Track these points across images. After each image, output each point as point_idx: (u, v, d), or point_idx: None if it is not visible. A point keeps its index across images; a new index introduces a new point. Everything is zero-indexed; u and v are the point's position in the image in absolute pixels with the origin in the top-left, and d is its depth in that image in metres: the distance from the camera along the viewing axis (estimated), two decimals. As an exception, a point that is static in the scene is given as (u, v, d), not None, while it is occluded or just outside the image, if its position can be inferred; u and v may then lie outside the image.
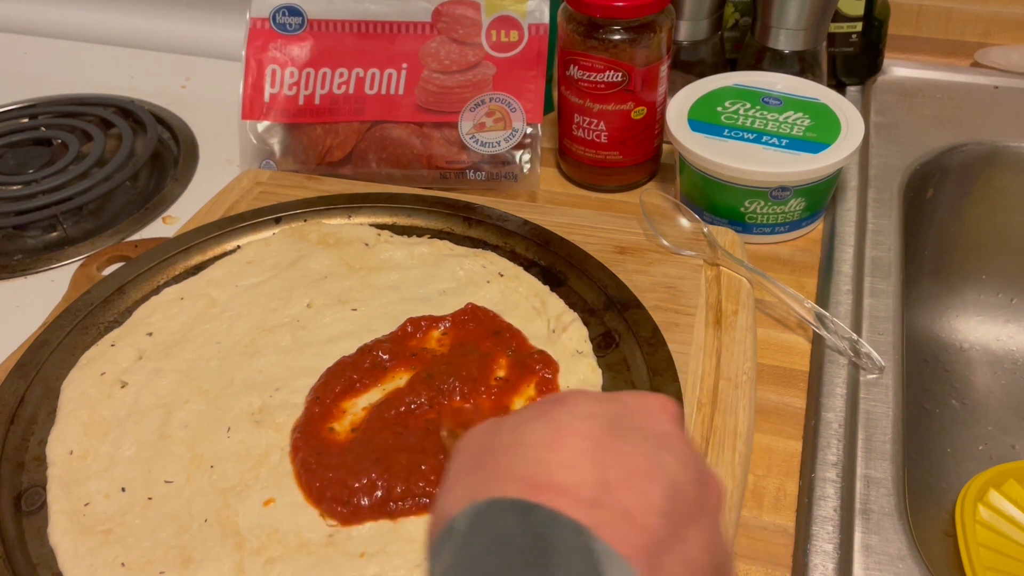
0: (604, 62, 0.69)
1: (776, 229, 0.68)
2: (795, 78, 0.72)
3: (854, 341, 0.58)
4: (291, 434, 0.51)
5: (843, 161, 0.65)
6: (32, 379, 0.54)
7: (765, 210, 0.66)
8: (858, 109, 0.83)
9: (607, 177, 0.76)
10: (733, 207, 0.67)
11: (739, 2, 0.79)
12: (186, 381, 0.54)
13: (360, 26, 0.79)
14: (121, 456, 0.50)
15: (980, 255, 0.81)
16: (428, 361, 0.55)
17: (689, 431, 0.54)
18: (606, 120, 0.72)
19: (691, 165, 0.67)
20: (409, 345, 0.56)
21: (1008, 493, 0.64)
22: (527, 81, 0.76)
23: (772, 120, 0.68)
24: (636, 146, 0.73)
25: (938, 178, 0.78)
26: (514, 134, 0.74)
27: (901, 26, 0.92)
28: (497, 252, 0.64)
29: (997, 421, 0.76)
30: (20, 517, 0.48)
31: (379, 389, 0.53)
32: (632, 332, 0.57)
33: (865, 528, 0.49)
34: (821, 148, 0.65)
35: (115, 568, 0.45)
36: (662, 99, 0.73)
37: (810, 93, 0.71)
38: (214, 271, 0.62)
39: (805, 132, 0.66)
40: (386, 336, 0.57)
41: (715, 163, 0.65)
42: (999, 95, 0.83)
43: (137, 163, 0.82)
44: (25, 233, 0.76)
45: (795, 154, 0.65)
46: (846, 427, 0.55)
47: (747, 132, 0.67)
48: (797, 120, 0.67)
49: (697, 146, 0.66)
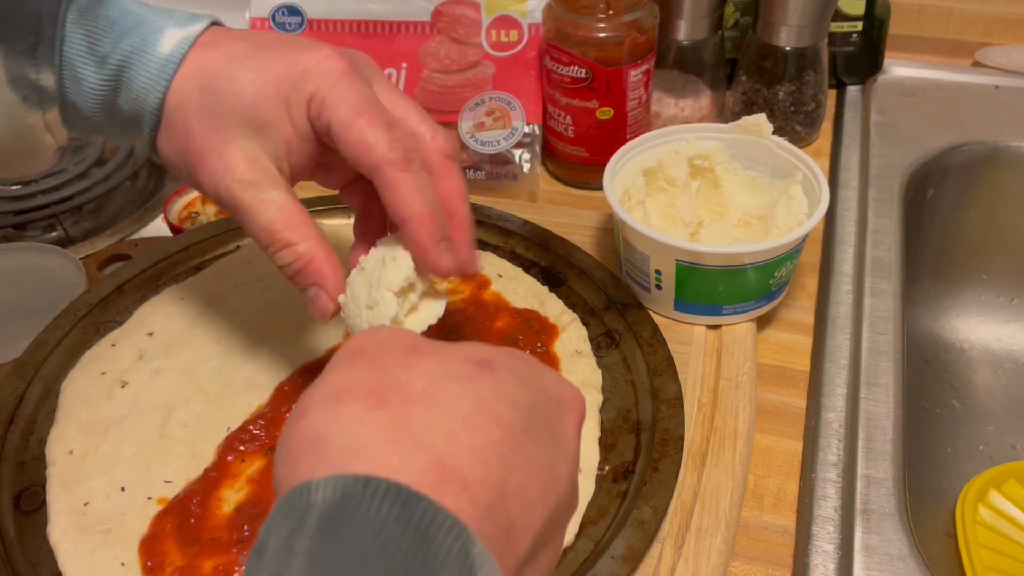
0: (569, 56, 0.69)
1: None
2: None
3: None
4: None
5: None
6: (32, 379, 0.54)
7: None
8: (858, 109, 0.83)
9: (575, 172, 0.76)
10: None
11: (739, 1, 0.79)
12: (186, 381, 0.54)
13: (360, 26, 0.79)
14: (121, 456, 0.50)
15: (981, 255, 0.81)
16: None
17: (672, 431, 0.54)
18: (572, 115, 0.72)
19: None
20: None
21: (1008, 493, 0.64)
22: (527, 80, 0.76)
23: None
24: (604, 145, 0.71)
25: (938, 178, 0.78)
26: (514, 133, 0.74)
27: (902, 26, 0.92)
28: (497, 252, 0.64)
29: (997, 421, 0.76)
30: (20, 517, 0.48)
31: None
32: (632, 332, 0.57)
33: (866, 528, 0.49)
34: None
35: (115, 568, 0.45)
36: (637, 103, 0.72)
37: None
38: (214, 271, 0.62)
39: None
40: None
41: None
42: (1000, 95, 0.83)
43: (137, 162, 0.82)
44: (25, 233, 0.76)
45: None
46: (846, 427, 0.55)
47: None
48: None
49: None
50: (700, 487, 0.50)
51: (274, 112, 0.42)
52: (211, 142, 0.43)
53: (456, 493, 0.26)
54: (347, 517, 0.25)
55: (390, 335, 0.32)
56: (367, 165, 0.41)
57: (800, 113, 0.77)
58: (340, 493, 0.25)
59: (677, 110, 0.78)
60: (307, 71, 0.42)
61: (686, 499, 0.50)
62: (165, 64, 0.43)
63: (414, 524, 0.25)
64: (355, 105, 0.41)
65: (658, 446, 0.50)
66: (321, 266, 0.43)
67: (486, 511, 0.27)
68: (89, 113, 0.45)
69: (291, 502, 0.26)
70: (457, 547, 0.25)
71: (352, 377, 0.30)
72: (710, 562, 0.47)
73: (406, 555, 0.24)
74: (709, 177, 0.64)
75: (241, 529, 0.46)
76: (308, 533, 0.25)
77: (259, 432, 0.51)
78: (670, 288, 0.59)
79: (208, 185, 0.43)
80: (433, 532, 0.25)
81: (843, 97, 0.85)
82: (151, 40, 0.44)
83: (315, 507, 0.25)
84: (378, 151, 0.41)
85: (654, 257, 0.58)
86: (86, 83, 0.44)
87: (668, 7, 0.73)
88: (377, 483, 0.25)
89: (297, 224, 0.43)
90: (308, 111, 0.42)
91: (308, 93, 0.42)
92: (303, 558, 0.24)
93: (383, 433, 0.27)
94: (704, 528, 0.48)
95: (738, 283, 0.57)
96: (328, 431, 0.28)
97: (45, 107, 0.44)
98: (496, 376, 0.31)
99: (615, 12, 0.68)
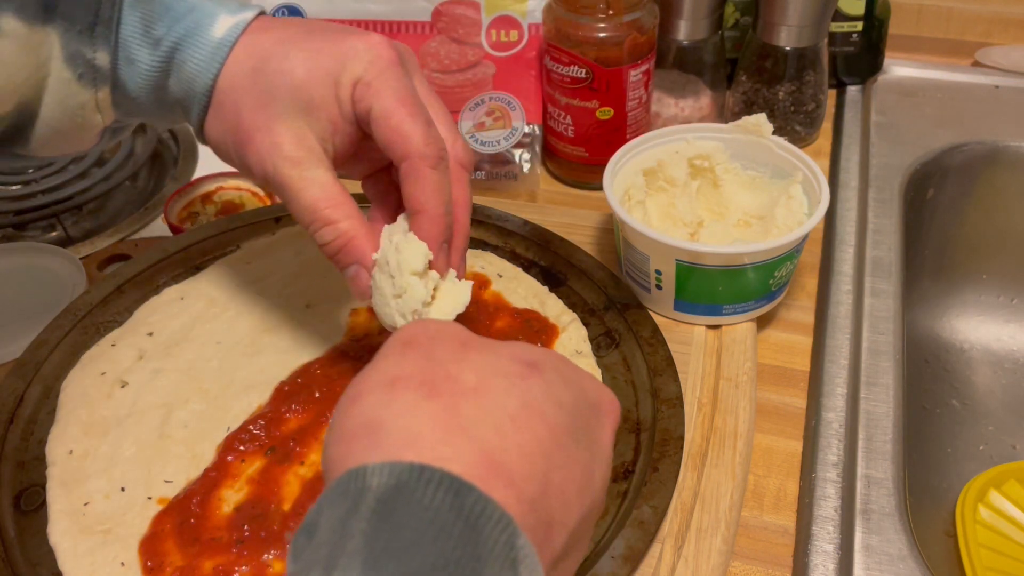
0: (569, 56, 0.69)
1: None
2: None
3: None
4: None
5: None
6: (31, 379, 0.54)
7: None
8: (858, 109, 0.83)
9: (575, 172, 0.76)
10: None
11: (739, 1, 0.79)
12: (186, 381, 0.54)
13: (360, 25, 0.79)
14: (121, 456, 0.50)
15: (981, 255, 0.81)
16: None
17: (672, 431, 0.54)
18: (572, 115, 0.72)
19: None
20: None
21: (1008, 493, 0.64)
22: (527, 80, 0.76)
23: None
24: (604, 145, 0.72)
25: (939, 178, 0.78)
26: (514, 133, 0.74)
27: (902, 26, 0.92)
28: (497, 253, 0.64)
29: (997, 421, 0.76)
30: (20, 517, 0.48)
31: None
32: (632, 332, 0.57)
33: (866, 528, 0.49)
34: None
35: (115, 568, 0.45)
36: (637, 103, 0.72)
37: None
38: (214, 271, 0.62)
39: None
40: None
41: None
42: (1000, 95, 0.83)
43: (136, 162, 0.82)
44: (25, 233, 0.76)
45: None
46: (846, 427, 0.55)
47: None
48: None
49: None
50: (700, 487, 0.50)
51: (322, 92, 0.43)
52: (259, 120, 0.44)
53: (503, 487, 0.28)
54: (402, 503, 0.26)
55: (439, 328, 0.33)
56: (399, 153, 0.43)
57: (800, 113, 0.77)
58: (395, 480, 0.26)
59: (677, 110, 0.78)
60: (357, 54, 0.43)
61: (686, 499, 0.50)
62: (217, 48, 0.45)
63: (465, 513, 0.26)
64: (398, 94, 0.43)
65: (658, 446, 0.50)
66: (362, 244, 0.44)
67: (529, 506, 0.28)
68: (137, 94, 0.46)
69: (346, 484, 0.27)
70: (504, 538, 0.26)
71: (405, 366, 0.31)
72: (710, 562, 0.47)
73: (457, 542, 0.25)
74: (709, 177, 0.64)
75: (241, 529, 0.46)
76: (363, 516, 0.26)
77: (259, 432, 0.51)
78: (670, 288, 0.59)
79: (255, 163, 0.44)
80: (483, 522, 0.26)
81: (843, 97, 0.85)
82: (204, 24, 0.45)
83: (370, 491, 0.26)
84: (413, 143, 0.42)
85: (654, 257, 0.58)
86: (139, 64, 0.45)
87: (668, 7, 0.73)
88: (432, 472, 0.26)
89: (339, 203, 0.44)
90: (352, 93, 0.43)
91: (355, 75, 0.43)
92: (358, 539, 0.25)
93: (435, 423, 0.29)
94: (704, 528, 0.48)
95: (738, 283, 0.57)
96: (382, 417, 0.29)
97: (98, 86, 0.45)
98: (543, 377, 0.32)
99: (615, 12, 0.68)
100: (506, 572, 0.26)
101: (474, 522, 0.26)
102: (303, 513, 0.46)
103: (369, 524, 0.26)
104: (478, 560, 0.25)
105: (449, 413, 0.29)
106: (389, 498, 0.26)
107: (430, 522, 0.26)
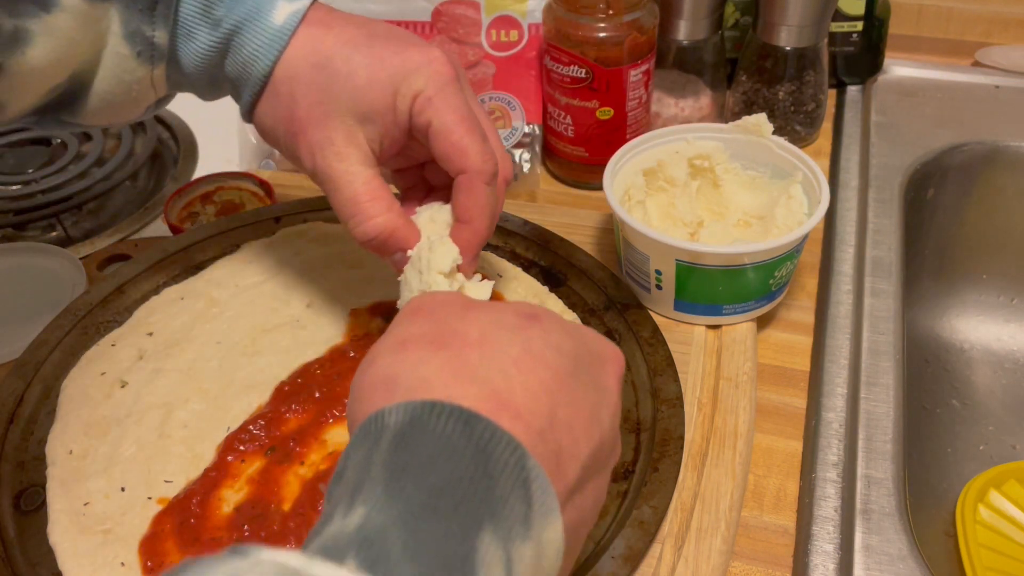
0: (569, 56, 0.69)
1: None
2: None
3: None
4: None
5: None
6: (32, 379, 0.54)
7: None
8: (858, 109, 0.83)
9: (575, 172, 0.76)
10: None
11: (739, 1, 0.79)
12: (186, 381, 0.54)
13: (360, 26, 0.79)
14: (121, 456, 0.50)
15: (981, 255, 0.81)
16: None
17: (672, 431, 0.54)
18: (572, 115, 0.72)
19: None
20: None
21: (1008, 493, 0.64)
22: (527, 80, 0.76)
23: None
24: (604, 145, 0.72)
25: (939, 178, 0.78)
26: (514, 133, 0.74)
27: (902, 26, 0.92)
28: (497, 253, 0.64)
29: (998, 421, 0.76)
30: (20, 517, 0.48)
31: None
32: (632, 332, 0.57)
33: (866, 528, 0.49)
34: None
35: (115, 568, 0.45)
36: (637, 103, 0.72)
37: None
38: (214, 271, 0.62)
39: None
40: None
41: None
42: (1000, 95, 0.83)
43: (136, 162, 0.82)
44: (25, 233, 0.76)
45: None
46: (846, 427, 0.55)
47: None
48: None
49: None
50: (700, 487, 0.50)
51: (381, 100, 0.45)
52: (315, 114, 0.46)
53: (511, 419, 0.30)
54: (417, 433, 0.29)
55: (445, 295, 0.36)
56: (457, 167, 0.46)
57: (800, 113, 0.77)
58: (410, 416, 0.29)
59: (677, 110, 0.78)
60: (419, 68, 0.45)
61: (686, 499, 0.50)
62: (277, 35, 0.46)
63: (475, 438, 0.29)
64: (458, 111, 0.45)
65: (658, 446, 0.50)
66: (406, 233, 0.47)
67: (538, 436, 0.30)
68: (191, 70, 0.48)
69: (367, 428, 0.30)
70: (514, 460, 0.29)
71: (415, 329, 0.34)
72: (710, 562, 0.47)
73: (469, 462, 0.28)
74: (709, 177, 0.64)
75: (241, 529, 0.46)
76: (383, 449, 0.29)
77: (259, 432, 0.51)
78: (670, 288, 0.59)
79: (305, 154, 0.47)
80: (493, 446, 0.29)
81: (843, 97, 0.85)
82: (264, 10, 0.46)
83: (388, 428, 0.29)
84: (472, 159, 0.45)
85: (654, 257, 0.58)
86: (198, 43, 0.47)
87: (668, 7, 0.73)
88: (442, 406, 0.29)
89: (381, 197, 0.47)
90: (412, 106, 0.45)
91: (416, 90, 0.45)
92: (379, 467, 0.28)
93: (444, 370, 0.31)
94: (704, 528, 0.48)
95: (738, 283, 0.57)
96: (397, 371, 0.32)
97: (155, 63, 0.47)
98: (543, 326, 0.34)
99: (615, 12, 0.68)
100: (518, 489, 0.28)
101: (484, 446, 0.28)
102: (303, 513, 0.46)
103: (388, 454, 0.28)
104: (490, 477, 0.28)
105: (457, 361, 0.32)
106: (405, 432, 0.29)
107: (443, 447, 0.28)
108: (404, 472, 0.28)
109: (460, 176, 0.46)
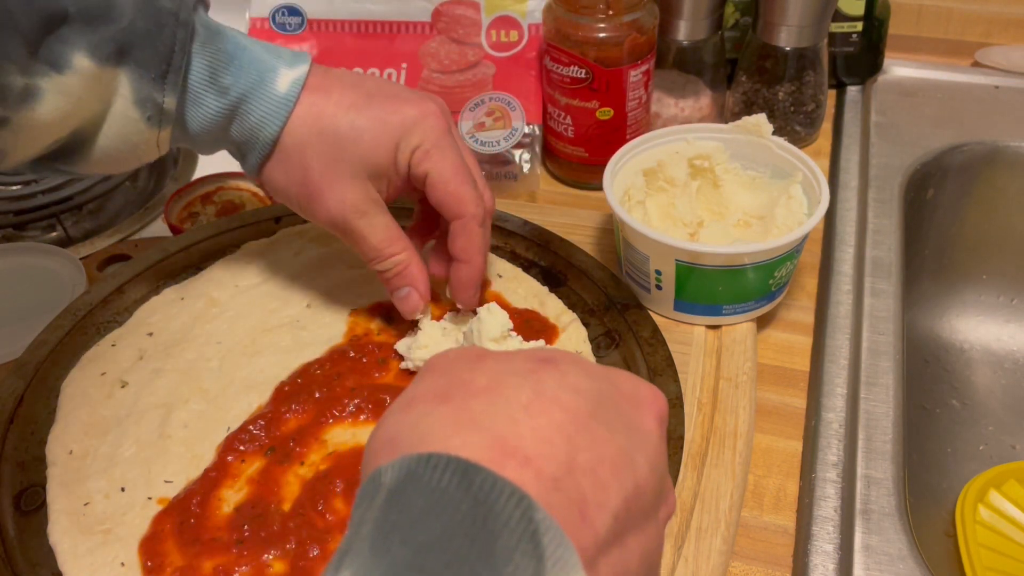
0: (569, 56, 0.69)
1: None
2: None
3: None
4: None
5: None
6: (31, 379, 0.54)
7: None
8: (858, 109, 0.83)
9: (575, 172, 0.76)
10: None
11: (739, 1, 0.79)
12: (186, 381, 0.54)
13: (360, 26, 0.79)
14: (121, 456, 0.50)
15: (980, 255, 0.81)
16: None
17: (672, 431, 0.54)
18: (572, 115, 0.72)
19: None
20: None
21: (1008, 493, 0.64)
22: (527, 80, 0.76)
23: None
24: (604, 145, 0.72)
25: (938, 178, 0.78)
26: (514, 133, 0.74)
27: (901, 26, 0.92)
28: (497, 253, 0.64)
29: (997, 421, 0.76)
30: (20, 517, 0.48)
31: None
32: (632, 332, 0.57)
33: (865, 528, 0.49)
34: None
35: (115, 568, 0.45)
36: (637, 103, 0.72)
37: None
38: (214, 271, 0.62)
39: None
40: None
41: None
42: (1000, 95, 0.83)
43: (137, 163, 0.82)
44: (25, 233, 0.76)
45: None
46: (846, 427, 0.55)
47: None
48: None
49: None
50: (700, 487, 0.50)
51: (386, 158, 0.51)
52: (328, 179, 0.51)
53: (518, 467, 0.28)
54: (410, 488, 0.27)
55: (460, 350, 0.35)
56: (454, 213, 0.51)
57: (800, 113, 0.77)
58: (405, 471, 0.27)
59: (677, 110, 0.78)
60: (416, 123, 0.50)
61: (686, 499, 0.50)
62: (282, 103, 0.50)
63: (474, 491, 0.26)
64: (453, 163, 0.51)
65: (658, 446, 0.50)
66: (415, 271, 0.53)
67: (552, 483, 0.28)
68: (197, 133, 0.51)
69: (364, 489, 0.28)
70: (519, 512, 0.26)
71: (423, 385, 0.32)
72: (710, 562, 0.47)
73: (465, 516, 0.26)
74: (709, 177, 0.64)
75: (241, 529, 0.46)
76: (376, 507, 0.27)
77: (259, 432, 0.51)
78: (670, 288, 0.59)
79: (322, 213, 0.52)
80: (493, 498, 0.26)
81: (843, 97, 0.85)
82: (268, 78, 0.50)
83: (384, 487, 0.27)
84: (467, 206, 0.51)
85: (654, 257, 0.58)
86: (205, 109, 0.50)
87: (668, 7, 0.73)
88: (438, 458, 0.27)
89: (396, 239, 0.53)
90: (411, 158, 0.51)
91: (414, 145, 0.50)
92: (369, 525, 0.27)
93: (446, 422, 0.29)
94: (704, 528, 0.48)
95: (738, 283, 0.57)
96: (399, 430, 0.30)
97: (163, 126, 0.49)
98: (559, 369, 0.32)
99: (615, 12, 0.68)
100: (524, 544, 0.26)
101: (483, 498, 0.26)
102: (303, 513, 0.46)
103: (379, 512, 0.27)
104: (490, 532, 0.26)
105: (460, 412, 0.30)
106: (399, 487, 0.27)
107: (436, 501, 0.26)
108: (393, 530, 0.26)
109: (455, 221, 0.51)
